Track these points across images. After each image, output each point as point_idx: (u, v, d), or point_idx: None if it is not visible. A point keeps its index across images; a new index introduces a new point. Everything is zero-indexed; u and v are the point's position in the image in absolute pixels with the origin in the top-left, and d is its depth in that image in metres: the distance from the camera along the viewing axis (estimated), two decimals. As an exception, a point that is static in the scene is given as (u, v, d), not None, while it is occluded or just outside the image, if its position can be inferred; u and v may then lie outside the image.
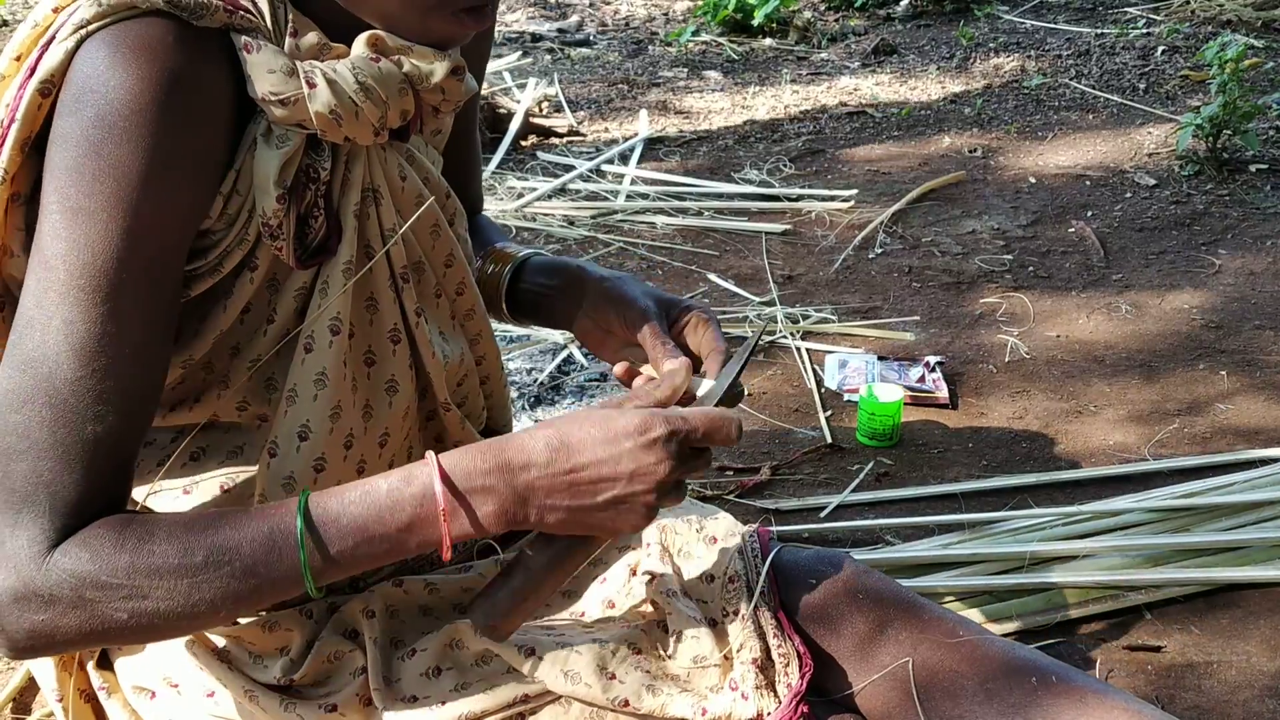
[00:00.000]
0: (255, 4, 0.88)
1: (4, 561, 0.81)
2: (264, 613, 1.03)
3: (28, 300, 0.83)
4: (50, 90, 0.83)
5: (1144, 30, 4.72)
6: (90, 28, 0.82)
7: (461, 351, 1.10)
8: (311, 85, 0.86)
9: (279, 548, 0.84)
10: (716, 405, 0.99)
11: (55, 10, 0.87)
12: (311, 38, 0.89)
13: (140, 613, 0.82)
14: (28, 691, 1.40)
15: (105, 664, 1.06)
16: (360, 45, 0.90)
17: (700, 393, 1.01)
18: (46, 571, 0.81)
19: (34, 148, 0.86)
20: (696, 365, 1.07)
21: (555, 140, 3.76)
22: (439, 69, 0.92)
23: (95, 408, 0.82)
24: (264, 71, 0.85)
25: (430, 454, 0.88)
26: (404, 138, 0.99)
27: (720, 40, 4.98)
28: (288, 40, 0.89)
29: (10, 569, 0.81)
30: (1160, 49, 4.47)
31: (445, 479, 0.86)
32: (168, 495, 1.00)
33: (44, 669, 1.05)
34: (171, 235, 0.85)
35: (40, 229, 0.83)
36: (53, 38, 0.84)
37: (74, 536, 0.82)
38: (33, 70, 0.84)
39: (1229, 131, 3.26)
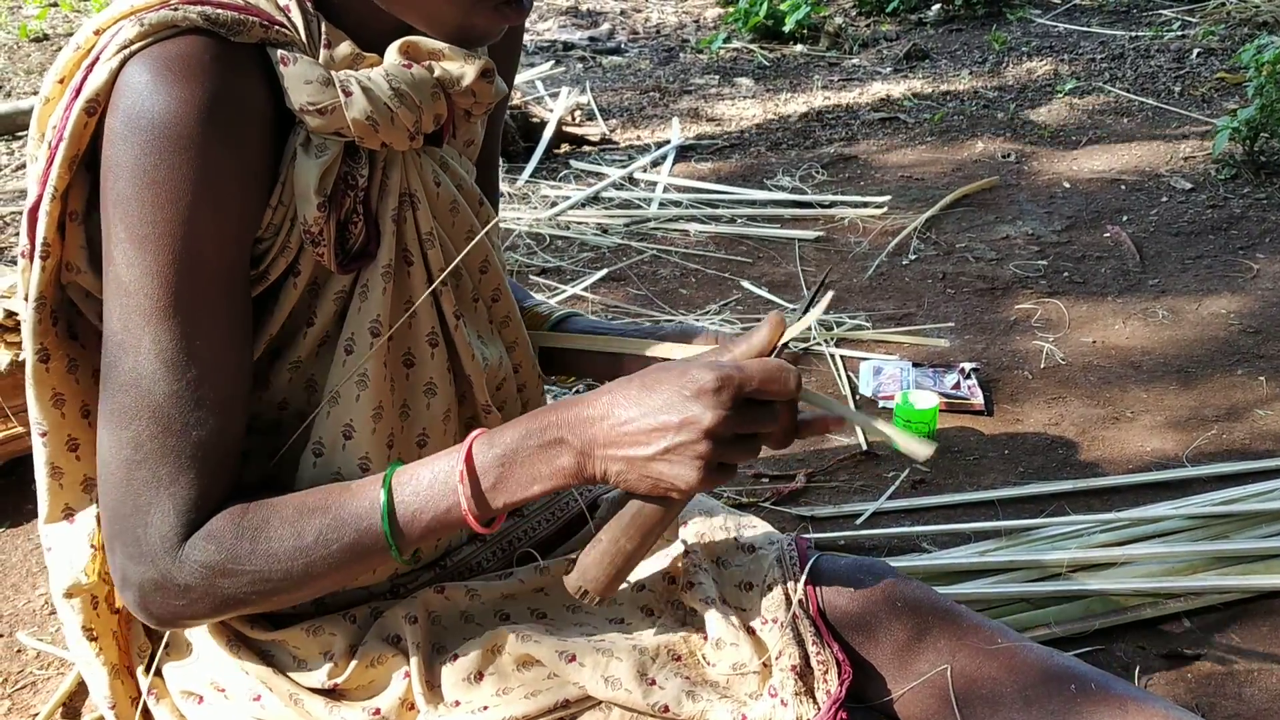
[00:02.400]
0: (289, 19, 0.91)
1: (143, 557, 0.89)
2: (308, 617, 1.05)
3: (114, 324, 0.88)
4: (95, 109, 0.86)
5: (1179, 33, 4.69)
6: (133, 47, 0.84)
7: (500, 355, 1.11)
8: (347, 93, 0.89)
9: (374, 522, 0.91)
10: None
11: (96, 32, 0.89)
12: (345, 48, 0.92)
13: (265, 591, 0.91)
14: (78, 696, 1.43)
15: (154, 670, 1.08)
16: (393, 53, 0.92)
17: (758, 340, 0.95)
18: (180, 564, 0.89)
19: (82, 164, 0.89)
20: None
21: (588, 148, 3.78)
22: (469, 72, 0.94)
23: (195, 414, 0.88)
24: (301, 83, 0.88)
25: (482, 430, 0.93)
26: (437, 143, 1.01)
27: (751, 47, 4.99)
28: (322, 52, 0.91)
29: (149, 563, 0.89)
30: (1195, 51, 4.44)
31: (529, 429, 0.91)
32: None
33: (95, 675, 1.07)
34: (233, 246, 0.89)
35: (111, 256, 0.86)
36: (96, 58, 0.87)
37: (200, 530, 0.89)
38: (78, 90, 0.87)
39: (1266, 134, 3.23)
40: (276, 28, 0.89)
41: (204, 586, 0.89)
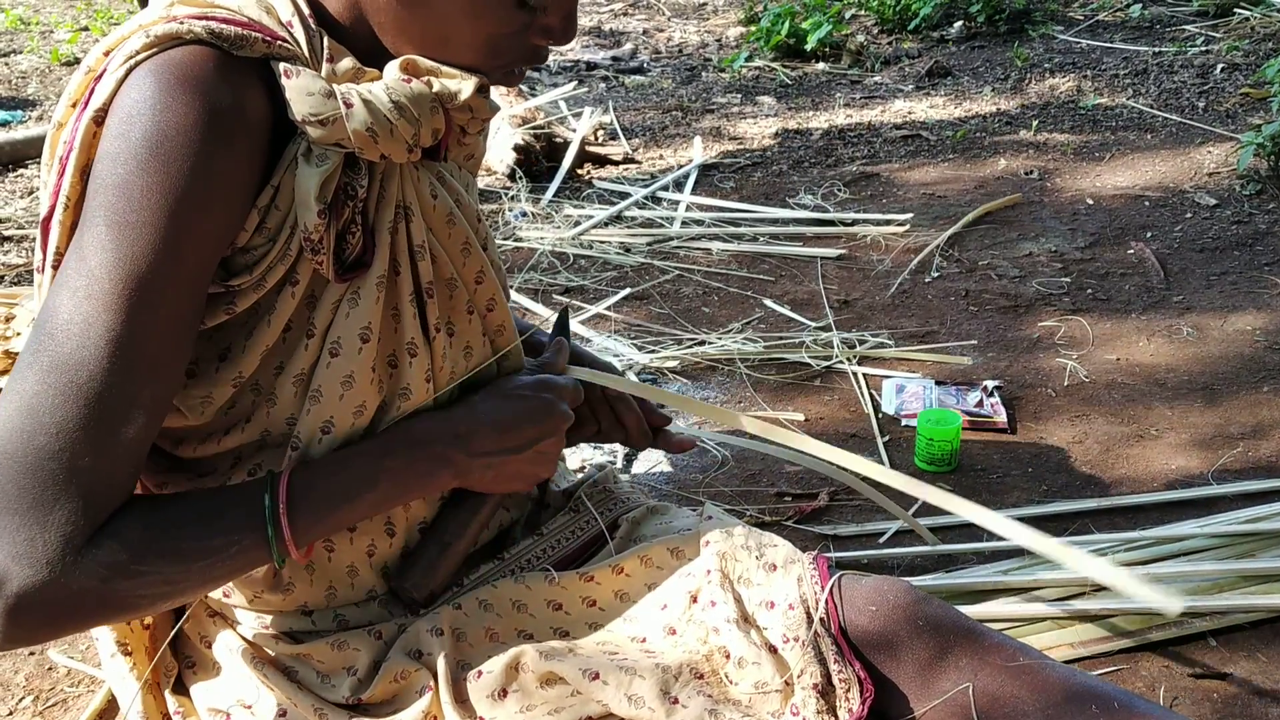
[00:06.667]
0: (292, 34, 0.94)
1: (34, 559, 0.83)
2: (332, 633, 1.06)
3: (62, 305, 0.85)
4: (104, 118, 0.88)
5: (1203, 48, 4.68)
6: (138, 57, 0.87)
7: (492, 367, 1.14)
8: (348, 105, 0.91)
9: (262, 523, 0.95)
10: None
11: (105, 53, 0.92)
12: (346, 63, 0.95)
13: (162, 593, 0.89)
14: (108, 713, 1.44)
15: (180, 689, 1.10)
16: (393, 68, 0.95)
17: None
18: (82, 566, 0.84)
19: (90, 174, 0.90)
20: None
21: (611, 168, 3.80)
22: (466, 87, 0.97)
23: (130, 410, 0.86)
24: (303, 95, 0.90)
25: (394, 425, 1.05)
26: (435, 158, 1.04)
27: (773, 65, 5.01)
28: (324, 65, 0.94)
29: (41, 565, 0.83)
30: (1219, 66, 4.43)
31: (411, 444, 1.03)
32: None
33: (129, 692, 1.08)
34: (208, 250, 0.90)
35: (82, 240, 0.86)
36: (103, 73, 0.90)
37: (103, 529, 0.86)
38: (87, 103, 0.89)
39: (1291, 150, 3.22)
40: (279, 43, 0.92)
41: (99, 590, 0.85)
